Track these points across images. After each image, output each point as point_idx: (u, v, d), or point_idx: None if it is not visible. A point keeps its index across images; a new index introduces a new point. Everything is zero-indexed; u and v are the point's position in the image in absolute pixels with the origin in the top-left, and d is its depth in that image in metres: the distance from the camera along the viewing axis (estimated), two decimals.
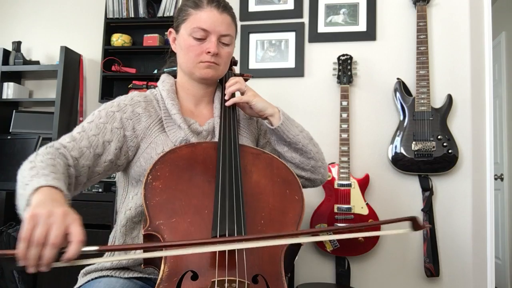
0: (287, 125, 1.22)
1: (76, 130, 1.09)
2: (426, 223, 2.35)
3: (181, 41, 1.19)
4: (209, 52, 1.15)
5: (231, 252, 0.90)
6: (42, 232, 0.72)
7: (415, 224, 0.84)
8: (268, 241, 0.86)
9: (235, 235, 0.91)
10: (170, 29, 1.25)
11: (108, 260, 1.08)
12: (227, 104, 1.22)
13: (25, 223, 0.73)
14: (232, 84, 1.21)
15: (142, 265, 0.98)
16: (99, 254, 0.82)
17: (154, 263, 0.96)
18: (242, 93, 1.22)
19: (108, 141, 1.10)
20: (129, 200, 1.16)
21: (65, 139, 1.06)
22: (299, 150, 1.25)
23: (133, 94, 1.22)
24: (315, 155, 1.27)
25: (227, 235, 0.90)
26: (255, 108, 1.21)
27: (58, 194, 0.84)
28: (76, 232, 0.75)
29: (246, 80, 1.34)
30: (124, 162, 1.14)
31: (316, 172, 1.29)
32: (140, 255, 0.94)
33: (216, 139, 1.19)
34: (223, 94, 1.26)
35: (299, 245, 1.01)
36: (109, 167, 1.11)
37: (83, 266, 1.15)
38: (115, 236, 1.16)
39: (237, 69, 1.43)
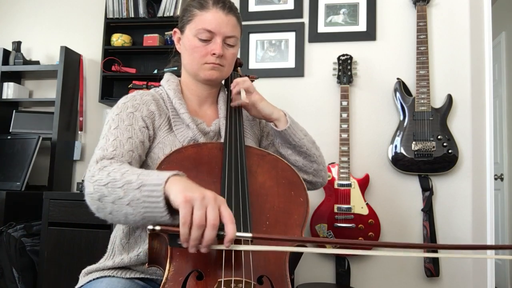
0: (293, 129, 1.23)
1: (110, 139, 1.05)
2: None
3: (186, 41, 1.19)
4: (214, 54, 1.14)
5: (238, 252, 0.90)
6: (202, 214, 0.76)
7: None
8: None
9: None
10: (175, 29, 1.25)
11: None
12: (232, 104, 1.22)
13: (182, 207, 0.76)
14: (240, 83, 1.21)
15: (146, 264, 0.98)
16: (252, 241, 0.86)
17: (159, 262, 0.96)
18: (249, 93, 1.22)
19: (142, 141, 1.09)
20: None
21: (106, 149, 1.02)
22: (303, 154, 1.26)
23: (140, 93, 1.19)
24: (317, 158, 1.29)
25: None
26: (261, 112, 1.22)
27: (187, 180, 0.85)
28: (228, 213, 0.79)
29: (251, 81, 1.34)
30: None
31: (317, 175, 1.31)
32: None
33: (222, 140, 1.19)
34: (228, 95, 1.27)
35: (304, 246, 1.02)
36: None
37: (84, 266, 1.15)
38: (117, 236, 1.16)
39: (240, 71, 1.43)
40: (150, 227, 0.77)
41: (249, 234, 0.81)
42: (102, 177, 0.90)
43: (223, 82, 1.34)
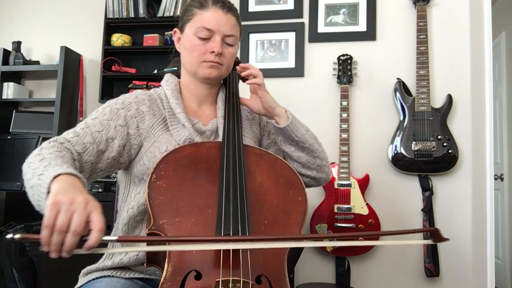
0: (295, 125, 1.24)
1: (80, 126, 1.09)
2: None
3: (185, 40, 1.20)
4: (213, 52, 1.15)
5: (236, 252, 0.90)
6: (65, 219, 0.73)
7: (435, 236, 0.83)
8: (273, 243, 0.86)
9: (239, 235, 0.91)
10: (175, 29, 1.26)
11: (123, 250, 1.09)
12: (242, 74, 1.24)
13: (47, 210, 0.74)
14: (255, 75, 1.22)
15: (145, 264, 0.98)
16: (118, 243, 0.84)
17: (157, 262, 0.96)
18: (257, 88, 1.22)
19: (111, 138, 1.10)
20: (131, 199, 1.16)
21: (68, 134, 1.06)
22: (306, 149, 1.26)
23: (138, 92, 1.22)
24: (320, 154, 1.30)
25: (231, 235, 0.90)
26: (265, 103, 1.22)
27: (77, 182, 0.84)
28: (97, 220, 0.76)
29: None
30: (127, 160, 1.14)
31: (321, 170, 1.31)
32: (145, 248, 0.94)
33: (219, 139, 1.19)
34: (227, 94, 1.27)
35: (302, 247, 1.02)
36: (111, 164, 1.11)
37: (84, 266, 1.15)
38: (116, 235, 1.16)
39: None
40: (10, 235, 0.75)
41: (115, 237, 0.82)
42: (32, 155, 0.95)
43: (222, 81, 1.34)
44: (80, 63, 3.16)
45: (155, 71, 2.90)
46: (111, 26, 3.02)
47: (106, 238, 0.77)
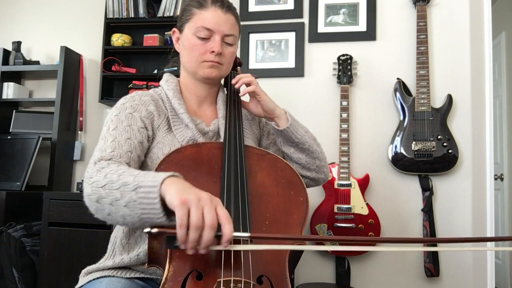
0: (295, 126, 1.24)
1: (108, 140, 1.05)
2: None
3: (185, 40, 1.20)
4: (213, 52, 1.15)
5: (237, 252, 0.90)
6: (199, 216, 0.75)
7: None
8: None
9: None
10: (174, 29, 1.26)
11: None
12: (240, 90, 1.23)
13: (178, 209, 0.75)
14: (247, 82, 1.21)
15: (146, 264, 0.98)
16: (250, 241, 0.86)
17: (158, 262, 0.96)
18: (253, 85, 1.22)
19: (140, 141, 1.09)
20: None
21: (105, 151, 1.02)
22: (306, 151, 1.26)
23: (139, 94, 1.20)
24: (319, 155, 1.30)
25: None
26: (264, 106, 1.22)
27: (184, 181, 0.85)
28: (224, 213, 0.78)
29: None
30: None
31: (320, 171, 1.32)
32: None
33: (221, 139, 1.19)
34: (227, 95, 1.27)
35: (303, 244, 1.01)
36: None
37: (84, 266, 1.15)
38: (117, 236, 1.16)
39: (240, 70, 1.43)
40: (147, 229, 0.77)
41: (247, 234, 0.81)
42: (100, 178, 0.91)
43: (222, 82, 1.34)
44: (80, 63, 3.16)
45: (155, 71, 2.90)
46: (111, 26, 3.02)
47: (238, 234, 0.80)
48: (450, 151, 2.32)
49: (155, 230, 0.77)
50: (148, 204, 0.81)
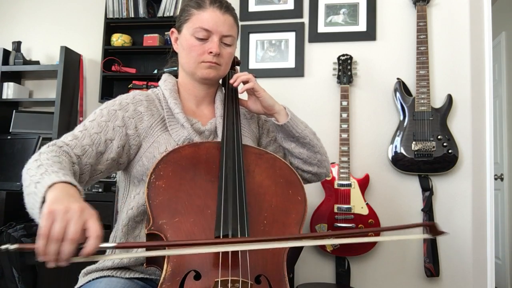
0: (295, 121, 1.24)
1: (78, 128, 1.09)
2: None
3: (183, 41, 1.19)
4: (211, 52, 1.15)
5: (235, 252, 0.90)
6: (61, 228, 0.73)
7: (432, 230, 0.83)
8: (272, 243, 0.86)
9: (238, 235, 0.91)
10: (172, 29, 1.26)
11: (122, 256, 1.07)
12: (239, 88, 1.23)
13: (43, 219, 0.74)
14: (245, 80, 1.21)
15: (144, 265, 0.98)
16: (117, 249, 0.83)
17: (156, 262, 0.96)
18: (252, 82, 1.22)
19: (110, 139, 1.09)
20: (130, 200, 1.15)
21: (67, 137, 1.05)
22: (307, 145, 1.26)
23: (135, 93, 1.21)
24: (320, 149, 1.31)
25: (230, 235, 0.90)
26: (263, 103, 1.22)
27: (72, 189, 0.84)
28: (94, 227, 0.75)
29: None
30: (126, 160, 1.14)
31: (322, 166, 1.32)
32: (144, 253, 0.93)
33: (218, 139, 1.19)
34: (225, 95, 1.27)
35: (301, 246, 1.01)
36: (111, 165, 1.11)
37: (84, 266, 1.15)
38: (116, 236, 1.16)
39: (238, 70, 1.43)
40: (4, 246, 0.73)
41: (113, 244, 0.81)
42: (31, 160, 0.94)
43: (220, 81, 1.34)
44: (80, 63, 3.16)
45: (155, 71, 2.90)
46: (111, 26, 3.02)
47: (104, 245, 0.76)
48: (450, 151, 2.32)
49: (12, 247, 0.73)
50: (34, 203, 0.83)
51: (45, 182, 0.83)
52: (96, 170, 1.08)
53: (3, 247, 0.73)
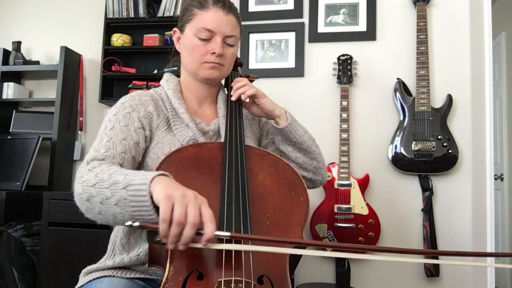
0: (294, 126, 1.24)
1: (104, 140, 1.06)
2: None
3: (185, 41, 1.19)
4: (214, 53, 1.15)
5: (238, 252, 0.90)
6: (182, 211, 0.76)
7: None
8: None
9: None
10: (175, 29, 1.25)
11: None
12: (233, 98, 1.22)
13: (162, 204, 0.76)
14: (240, 87, 1.21)
15: (147, 264, 0.98)
16: (230, 240, 0.85)
17: (159, 262, 0.96)
18: (250, 88, 1.21)
19: (136, 142, 1.09)
20: None
21: (99, 150, 1.03)
22: (304, 151, 1.26)
23: (139, 93, 1.20)
24: (317, 156, 1.30)
25: (233, 241, 0.89)
26: (263, 108, 1.22)
27: (173, 180, 0.85)
28: (208, 212, 0.79)
29: (251, 81, 1.34)
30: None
31: (317, 173, 1.32)
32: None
33: (221, 139, 1.19)
34: (228, 94, 1.27)
35: (303, 248, 1.01)
36: (136, 168, 1.11)
37: (84, 266, 1.15)
38: (117, 236, 1.16)
39: (240, 71, 1.43)
40: (129, 223, 0.76)
41: (228, 233, 0.80)
42: (90, 178, 0.91)
43: (223, 81, 1.34)
44: (80, 63, 3.16)
45: (155, 71, 2.90)
46: (111, 26, 3.02)
47: (219, 233, 0.79)
48: (450, 151, 2.32)
49: (136, 223, 0.76)
50: (138, 202, 0.83)
51: (139, 180, 0.84)
52: None
53: (128, 223, 0.76)
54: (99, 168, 0.94)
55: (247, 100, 1.25)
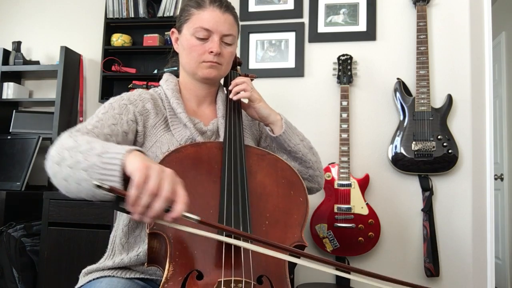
0: (289, 134, 1.23)
1: (94, 119, 1.06)
2: None
3: (183, 41, 1.19)
4: (211, 52, 1.15)
5: (237, 252, 0.90)
6: (156, 183, 0.74)
7: None
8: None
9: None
10: (173, 29, 1.26)
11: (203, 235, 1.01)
12: (232, 97, 1.21)
13: (138, 172, 0.75)
14: (240, 83, 1.21)
15: (145, 264, 0.98)
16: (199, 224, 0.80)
17: (158, 262, 0.95)
18: (248, 91, 1.21)
19: (125, 132, 1.08)
20: None
21: (86, 126, 1.02)
22: (299, 159, 1.26)
23: (140, 91, 1.21)
24: (313, 164, 1.28)
25: (232, 236, 0.89)
26: (258, 112, 1.22)
27: (147, 157, 0.83)
28: (182, 193, 0.77)
29: (251, 80, 1.34)
30: None
31: (313, 181, 1.30)
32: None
33: (220, 139, 1.19)
34: (227, 94, 1.27)
35: (303, 247, 1.01)
36: None
37: (84, 266, 1.15)
38: (116, 235, 1.16)
39: (239, 70, 1.43)
40: (96, 182, 0.72)
41: (197, 217, 0.76)
42: (68, 142, 0.90)
43: (222, 81, 1.34)
44: (80, 63, 3.16)
45: (155, 71, 2.90)
46: (111, 26, 3.02)
47: (189, 215, 0.76)
48: (450, 151, 2.32)
49: (106, 185, 0.73)
50: (108, 170, 0.80)
51: (117, 149, 0.82)
52: None
53: (96, 182, 0.73)
54: (80, 136, 0.93)
55: (246, 101, 1.25)
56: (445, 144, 2.32)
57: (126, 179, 0.79)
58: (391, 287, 0.83)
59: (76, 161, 0.85)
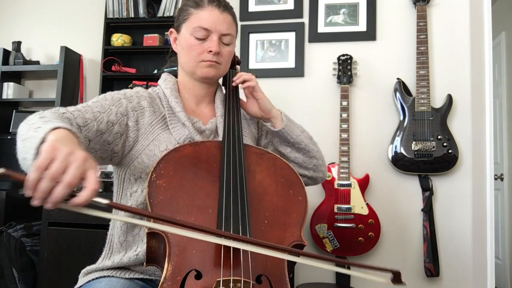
0: (290, 127, 1.25)
1: (80, 105, 1.07)
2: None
3: (182, 40, 1.19)
4: (210, 51, 1.15)
5: (236, 251, 0.90)
6: (60, 167, 0.68)
7: (396, 278, 0.84)
8: (272, 251, 0.85)
9: (240, 234, 0.91)
10: (171, 29, 1.26)
11: (117, 218, 1.04)
12: (238, 83, 1.23)
13: (43, 153, 0.68)
14: (248, 79, 1.22)
15: (144, 264, 0.98)
16: (107, 209, 0.74)
17: (157, 261, 0.95)
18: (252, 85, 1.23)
19: (112, 122, 1.07)
20: (127, 198, 1.14)
21: (68, 109, 1.02)
22: (302, 150, 1.27)
23: (138, 88, 1.21)
24: (316, 154, 1.30)
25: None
26: (261, 104, 1.23)
27: (75, 139, 0.80)
28: (93, 179, 0.70)
29: None
30: (120, 151, 1.11)
31: (317, 170, 1.32)
32: (145, 222, 0.90)
33: (219, 138, 1.19)
34: (226, 94, 1.27)
35: (302, 246, 1.01)
36: (105, 149, 1.07)
37: (84, 266, 1.15)
38: (114, 234, 1.16)
39: (238, 69, 1.43)
40: None
41: (106, 201, 0.71)
42: (31, 116, 0.91)
43: (220, 81, 1.34)
44: (80, 63, 3.16)
45: (155, 71, 2.90)
46: (111, 26, 3.02)
47: (96, 199, 0.70)
48: (450, 151, 2.32)
49: (2, 169, 0.67)
50: (31, 143, 0.78)
51: (48, 126, 0.79)
52: (91, 147, 1.03)
53: None
54: (47, 112, 0.92)
55: (246, 100, 1.26)
56: (445, 144, 2.32)
57: None
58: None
59: (22, 131, 0.85)
